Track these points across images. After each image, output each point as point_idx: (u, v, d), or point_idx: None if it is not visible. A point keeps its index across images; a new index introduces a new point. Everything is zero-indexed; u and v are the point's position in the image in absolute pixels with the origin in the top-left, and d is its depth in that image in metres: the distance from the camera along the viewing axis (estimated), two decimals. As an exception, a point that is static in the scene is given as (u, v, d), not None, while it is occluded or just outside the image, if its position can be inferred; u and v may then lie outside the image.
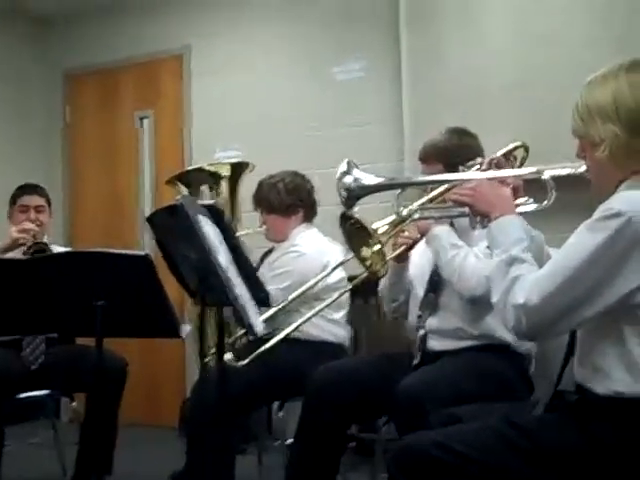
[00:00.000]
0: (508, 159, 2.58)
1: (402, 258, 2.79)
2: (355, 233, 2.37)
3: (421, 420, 2.23)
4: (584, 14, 3.95)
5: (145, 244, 5.26)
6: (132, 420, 4.31)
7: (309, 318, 3.02)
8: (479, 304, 2.54)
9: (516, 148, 2.65)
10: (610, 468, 1.66)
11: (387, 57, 4.59)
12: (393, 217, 2.36)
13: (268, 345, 2.83)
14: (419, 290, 2.85)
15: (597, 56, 3.70)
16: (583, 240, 1.67)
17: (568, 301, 1.66)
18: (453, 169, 2.51)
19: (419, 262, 2.88)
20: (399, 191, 2.39)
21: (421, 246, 2.86)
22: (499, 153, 2.49)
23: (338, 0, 4.80)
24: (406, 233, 2.69)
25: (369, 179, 2.33)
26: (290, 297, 3.00)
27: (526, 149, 2.74)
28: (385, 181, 2.39)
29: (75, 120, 5.73)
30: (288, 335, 2.95)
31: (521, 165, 2.69)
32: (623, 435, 1.65)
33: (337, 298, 3.11)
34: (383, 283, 2.93)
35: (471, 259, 2.62)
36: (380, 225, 2.36)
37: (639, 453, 1.64)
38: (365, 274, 2.76)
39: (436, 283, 2.79)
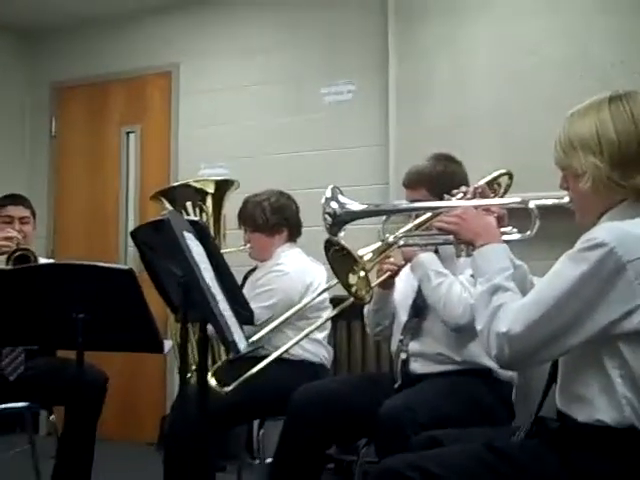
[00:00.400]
0: (492, 186, 2.61)
1: (387, 284, 2.79)
2: (340, 259, 2.37)
3: (402, 443, 2.23)
4: (563, 48, 4.02)
5: (128, 258, 5.27)
6: (111, 435, 4.29)
7: (299, 341, 3.01)
8: (463, 332, 2.55)
9: (501, 175, 2.68)
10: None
11: (375, 81, 4.62)
12: (379, 244, 2.37)
13: (255, 369, 2.83)
14: (402, 316, 2.86)
15: (580, 90, 3.78)
16: (565, 270, 1.68)
17: (550, 330, 1.67)
18: (437, 195, 2.52)
19: (403, 288, 2.90)
20: (384, 217, 2.41)
21: (405, 272, 2.87)
22: (484, 180, 2.51)
23: (328, 22, 4.84)
24: (391, 259, 2.69)
25: (354, 205, 2.33)
26: (280, 319, 2.99)
27: (510, 176, 2.77)
28: (370, 208, 2.40)
29: (61, 133, 5.72)
30: (270, 354, 2.95)
31: (505, 192, 2.72)
32: (603, 465, 1.66)
33: (325, 321, 3.12)
34: (367, 308, 2.94)
35: (456, 288, 2.62)
36: (365, 252, 2.37)
37: (619, 481, 1.65)
38: (350, 299, 2.78)
39: (420, 308, 2.80)
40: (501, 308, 1.77)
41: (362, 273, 2.37)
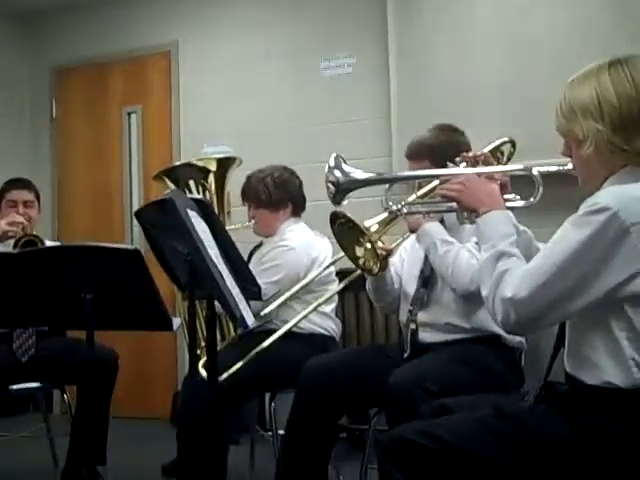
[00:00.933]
0: (495, 154, 2.61)
1: (382, 266, 2.75)
2: (346, 232, 2.37)
3: (412, 411, 2.24)
4: (563, 14, 4.00)
5: (134, 238, 5.29)
6: (124, 412, 4.33)
7: (307, 314, 3.04)
8: (472, 299, 2.56)
9: (503, 143, 2.68)
10: (600, 457, 1.68)
11: (375, 53, 4.61)
12: (384, 215, 2.37)
13: (266, 343, 2.85)
14: (410, 287, 2.86)
15: (579, 57, 3.76)
16: (569, 235, 1.69)
17: (555, 295, 1.68)
18: (440, 166, 2.51)
19: (409, 260, 2.91)
20: (387, 186, 2.42)
21: (410, 244, 2.88)
22: (487, 149, 2.51)
23: (326, -4, 4.83)
24: (380, 244, 2.61)
25: (358, 173, 2.33)
26: (288, 293, 3.01)
27: (513, 144, 2.77)
28: (374, 176, 2.39)
29: (63, 115, 5.71)
30: (278, 328, 2.98)
31: (508, 160, 2.72)
32: (613, 425, 1.67)
33: (333, 295, 3.13)
34: (367, 285, 2.95)
35: (464, 254, 2.62)
36: (371, 223, 2.37)
37: (629, 443, 1.66)
38: (357, 272, 2.79)
39: (427, 279, 2.81)
40: (506, 274, 1.78)
41: (368, 245, 2.37)
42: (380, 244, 2.60)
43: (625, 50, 1.87)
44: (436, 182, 2.35)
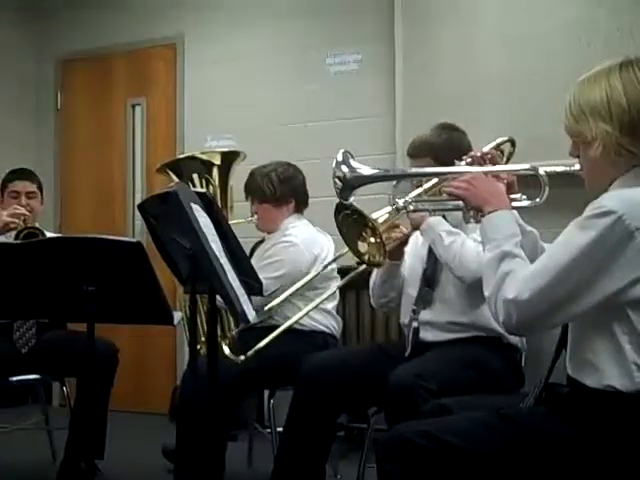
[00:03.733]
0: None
1: (396, 255, 2.78)
2: (350, 224, 2.35)
3: (411, 411, 2.25)
4: (571, 15, 3.98)
5: (136, 231, 5.28)
6: (123, 406, 4.33)
7: (309, 311, 3.03)
8: (479, 289, 2.53)
9: (503, 142, 2.67)
10: (599, 460, 1.68)
11: (381, 50, 4.59)
12: (389, 209, 2.37)
13: (268, 339, 2.84)
14: (411, 291, 2.86)
15: (584, 58, 3.76)
16: (574, 237, 1.68)
17: (558, 297, 1.68)
18: (441, 164, 2.52)
19: (411, 262, 2.90)
20: (394, 183, 2.40)
21: (412, 247, 2.88)
22: (486, 147, 2.50)
23: (334, -8, 4.81)
24: (401, 227, 2.67)
25: (365, 170, 2.31)
26: (290, 290, 3.00)
27: (513, 144, 2.76)
28: (381, 172, 2.38)
29: (67, 106, 5.70)
30: (279, 324, 2.97)
31: (508, 160, 2.72)
32: (613, 428, 1.67)
33: (334, 292, 3.12)
34: (374, 279, 2.94)
35: (470, 243, 2.63)
36: (378, 215, 2.36)
37: (629, 446, 1.66)
38: (360, 268, 2.78)
39: (430, 278, 2.81)
40: (509, 275, 1.77)
41: (372, 239, 2.35)
42: (401, 227, 2.62)
43: (629, 51, 1.85)
44: (435, 180, 2.34)
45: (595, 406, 1.71)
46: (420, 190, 2.37)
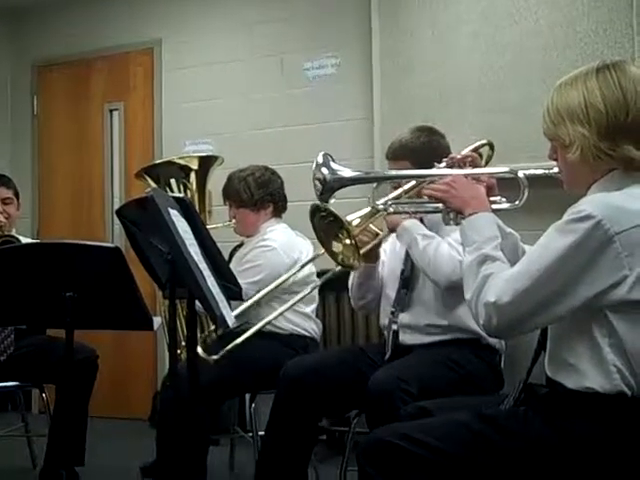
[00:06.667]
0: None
1: (372, 257, 2.77)
2: (326, 226, 2.36)
3: (392, 413, 2.25)
4: (547, 18, 4.00)
5: (115, 236, 5.26)
6: (103, 411, 4.30)
7: (283, 312, 3.03)
8: (455, 291, 2.55)
9: (482, 146, 2.69)
10: (578, 461, 1.69)
11: (359, 54, 4.59)
12: (367, 209, 2.37)
13: (240, 339, 2.84)
14: (390, 292, 2.87)
15: (563, 60, 3.80)
16: (553, 241, 1.69)
17: (537, 300, 1.69)
18: (420, 167, 2.51)
19: (390, 263, 2.91)
20: (375, 185, 2.41)
21: (390, 248, 2.88)
22: (465, 151, 2.51)
23: (310, -4, 4.82)
24: (376, 229, 2.66)
25: (345, 172, 2.31)
26: (262, 292, 3.00)
27: (491, 147, 2.78)
28: (361, 174, 2.39)
29: (44, 111, 5.66)
30: (260, 328, 2.97)
31: (486, 163, 2.73)
32: (592, 429, 1.68)
33: (310, 292, 3.12)
34: (351, 281, 2.95)
35: (444, 247, 2.63)
36: (353, 217, 2.36)
37: (608, 447, 1.67)
38: (337, 269, 2.78)
39: (407, 280, 2.82)
40: (489, 278, 1.78)
41: (348, 241, 2.35)
42: (368, 236, 2.61)
43: (608, 54, 1.87)
44: (413, 182, 2.35)
45: (575, 407, 1.72)
46: (399, 191, 2.38)
